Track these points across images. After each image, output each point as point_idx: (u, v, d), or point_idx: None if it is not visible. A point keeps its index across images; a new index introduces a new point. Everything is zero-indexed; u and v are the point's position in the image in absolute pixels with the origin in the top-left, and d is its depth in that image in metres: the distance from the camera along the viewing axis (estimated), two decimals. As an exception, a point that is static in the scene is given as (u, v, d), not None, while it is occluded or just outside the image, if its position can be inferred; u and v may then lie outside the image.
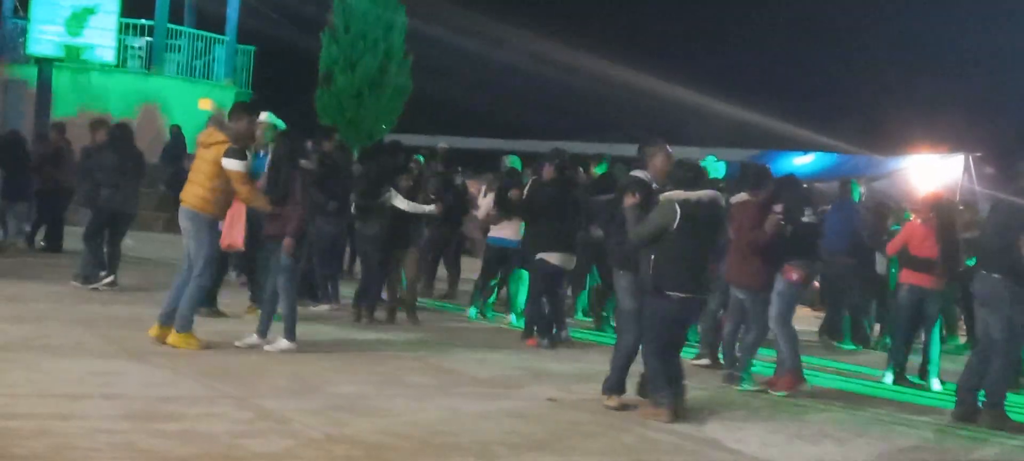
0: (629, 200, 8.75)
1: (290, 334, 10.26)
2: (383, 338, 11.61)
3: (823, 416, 9.44)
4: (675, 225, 8.41)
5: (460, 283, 16.49)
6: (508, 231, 13.53)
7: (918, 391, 11.33)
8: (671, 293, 8.46)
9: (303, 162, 10.59)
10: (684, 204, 8.46)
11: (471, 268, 16.77)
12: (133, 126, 15.89)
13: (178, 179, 16.78)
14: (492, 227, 13.81)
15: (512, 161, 15.05)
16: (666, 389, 8.59)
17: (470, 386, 9.40)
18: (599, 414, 8.64)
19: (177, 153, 22.98)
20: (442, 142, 20.08)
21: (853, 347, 14.39)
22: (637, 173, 9.10)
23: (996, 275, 9.56)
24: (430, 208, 12.92)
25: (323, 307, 13.31)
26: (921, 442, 8.79)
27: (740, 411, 9.26)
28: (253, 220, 11.17)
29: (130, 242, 14.84)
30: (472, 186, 18.71)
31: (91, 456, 6.21)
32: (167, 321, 10.02)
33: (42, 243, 17.84)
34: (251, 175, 10.21)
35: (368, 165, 13.61)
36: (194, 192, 10.07)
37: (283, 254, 10.23)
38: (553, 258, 11.96)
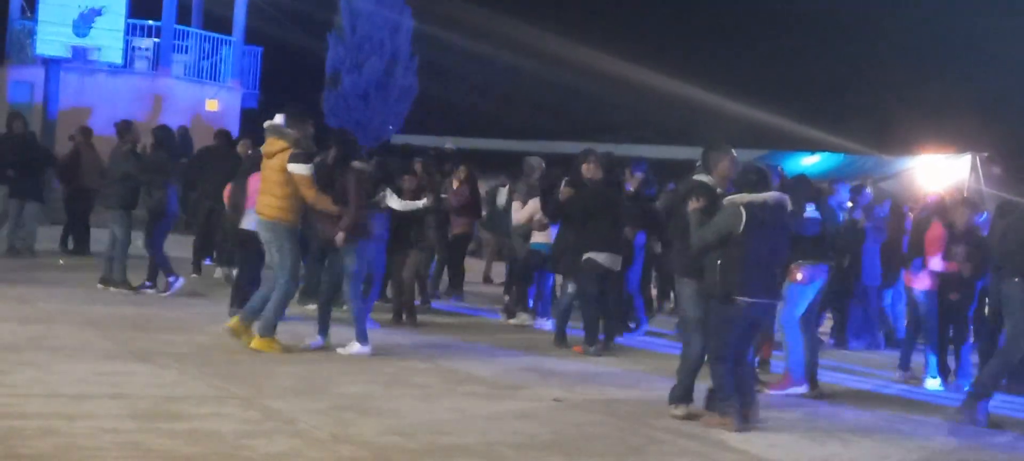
0: (694, 204, 8.52)
1: (362, 338, 10.40)
2: (389, 339, 11.61)
3: (830, 416, 9.43)
4: (741, 229, 8.26)
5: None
6: (547, 236, 13.48)
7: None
8: (739, 299, 8.29)
9: (357, 164, 10.65)
10: (749, 207, 8.31)
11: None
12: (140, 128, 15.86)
13: (185, 180, 16.82)
14: (536, 233, 13.63)
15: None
16: (734, 397, 8.39)
17: (476, 386, 9.40)
18: (604, 414, 8.64)
19: (184, 154, 22.99)
20: (449, 142, 20.08)
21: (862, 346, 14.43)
22: (700, 177, 8.83)
23: (1015, 279, 9.57)
24: (421, 203, 12.50)
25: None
26: (927, 442, 8.77)
27: (746, 411, 9.24)
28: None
29: (138, 243, 14.85)
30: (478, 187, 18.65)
31: (97, 456, 6.22)
32: (248, 318, 10.23)
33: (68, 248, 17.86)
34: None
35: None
36: (268, 203, 10.11)
37: (346, 259, 10.42)
38: (601, 258, 11.85)
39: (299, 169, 9.94)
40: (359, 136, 31.96)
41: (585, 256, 11.85)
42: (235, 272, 14.03)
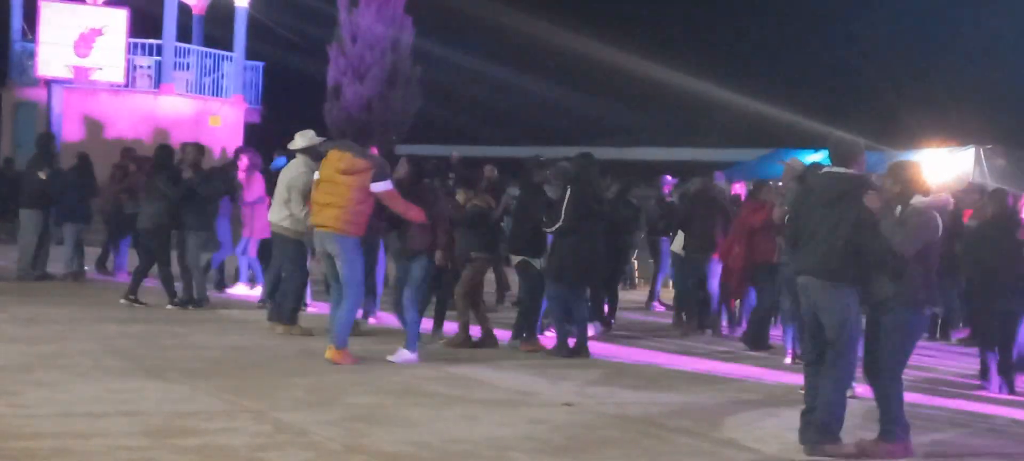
0: (880, 207, 7.61)
1: (412, 344, 10.75)
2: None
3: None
4: (937, 237, 7.67)
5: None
6: None
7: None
8: (927, 310, 7.78)
9: (430, 183, 11.06)
10: (943, 212, 7.88)
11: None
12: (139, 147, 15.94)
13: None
14: None
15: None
16: (906, 423, 7.79)
17: (487, 393, 9.40)
18: (616, 418, 8.63)
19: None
20: (455, 152, 20.07)
21: None
22: (867, 175, 8.15)
23: None
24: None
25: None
26: (941, 437, 8.76)
27: (759, 410, 9.25)
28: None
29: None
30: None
31: (112, 473, 6.23)
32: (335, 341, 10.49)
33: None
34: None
35: None
36: (337, 216, 10.40)
37: (416, 268, 10.72)
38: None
39: (384, 187, 10.39)
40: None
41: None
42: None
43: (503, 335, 12.23)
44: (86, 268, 17.15)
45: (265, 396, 8.62)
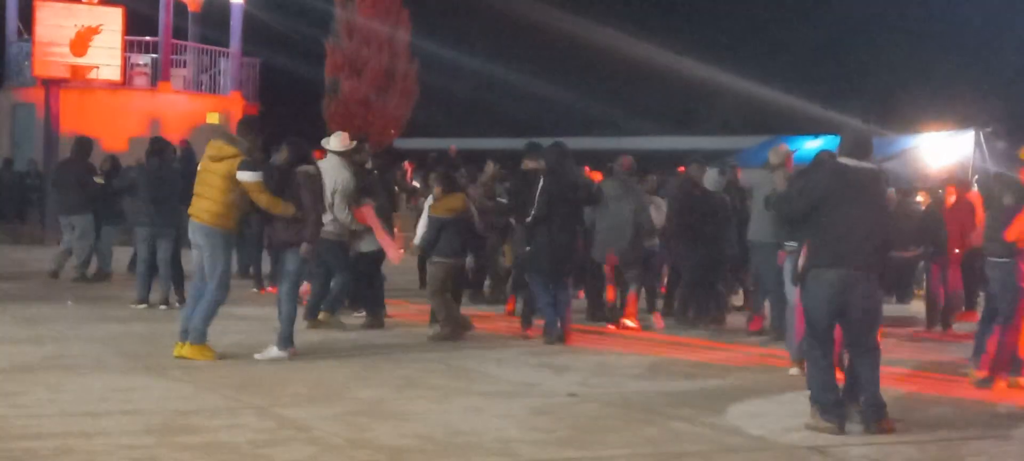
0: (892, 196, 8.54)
1: (283, 342, 10.21)
2: (401, 342, 11.61)
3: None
4: None
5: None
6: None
7: None
8: None
9: (308, 168, 10.45)
10: None
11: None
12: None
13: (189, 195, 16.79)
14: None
15: None
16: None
17: (490, 385, 9.40)
18: (619, 407, 8.63)
19: (189, 169, 22.96)
20: (452, 144, 20.11)
21: None
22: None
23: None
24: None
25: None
26: (938, 421, 8.76)
27: (761, 397, 9.24)
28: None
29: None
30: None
31: (115, 472, 6.23)
32: (185, 337, 10.04)
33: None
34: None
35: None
36: (206, 207, 9.97)
37: (289, 261, 10.32)
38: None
39: (249, 177, 9.87)
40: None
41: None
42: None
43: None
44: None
45: (267, 392, 8.62)
